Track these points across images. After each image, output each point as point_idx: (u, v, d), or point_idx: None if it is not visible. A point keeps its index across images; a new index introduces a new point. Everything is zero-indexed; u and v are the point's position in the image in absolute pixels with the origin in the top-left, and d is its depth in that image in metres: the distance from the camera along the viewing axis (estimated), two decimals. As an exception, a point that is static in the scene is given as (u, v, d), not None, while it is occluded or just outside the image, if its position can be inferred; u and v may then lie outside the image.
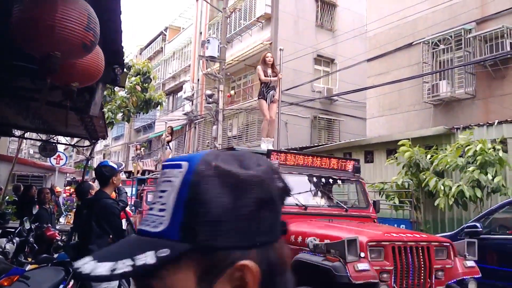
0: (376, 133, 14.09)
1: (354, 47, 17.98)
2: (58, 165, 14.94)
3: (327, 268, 4.06)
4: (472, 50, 11.56)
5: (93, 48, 2.97)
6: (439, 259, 4.46)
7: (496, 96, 11.06)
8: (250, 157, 0.71)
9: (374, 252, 4.19)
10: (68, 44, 2.69)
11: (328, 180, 6.17)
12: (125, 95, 13.20)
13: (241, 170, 0.66)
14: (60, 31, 2.62)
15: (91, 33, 2.80)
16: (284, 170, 5.67)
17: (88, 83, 3.43)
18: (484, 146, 8.16)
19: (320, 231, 4.75)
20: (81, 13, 2.72)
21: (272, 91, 8.56)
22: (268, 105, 8.49)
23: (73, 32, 2.66)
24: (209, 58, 17.97)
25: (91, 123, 7.25)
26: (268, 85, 8.53)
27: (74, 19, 2.65)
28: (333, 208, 6.01)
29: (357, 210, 6.20)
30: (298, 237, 4.79)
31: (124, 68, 4.94)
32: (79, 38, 2.72)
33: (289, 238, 4.80)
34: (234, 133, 21.19)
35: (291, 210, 5.45)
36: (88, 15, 2.78)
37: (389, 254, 4.21)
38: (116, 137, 38.89)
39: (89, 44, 2.83)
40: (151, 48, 35.33)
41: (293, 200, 5.58)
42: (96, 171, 4.39)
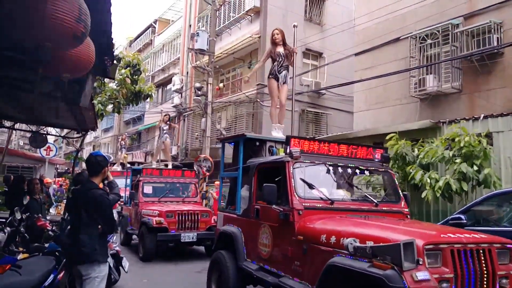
0: (363, 126, 14.23)
1: (342, 41, 18.10)
2: (48, 156, 14.94)
3: (377, 277, 3.38)
4: (459, 45, 11.70)
5: (83, 39, 3.01)
6: (502, 263, 3.82)
7: (482, 90, 11.23)
8: None
9: (431, 257, 3.54)
10: (59, 35, 2.73)
11: (354, 171, 5.60)
12: (115, 87, 13.14)
13: None
14: (51, 22, 2.66)
15: (82, 24, 2.84)
16: (306, 159, 5.24)
17: (79, 74, 3.47)
18: (470, 139, 8.30)
19: (360, 231, 4.08)
20: (72, 4, 2.75)
21: (284, 71, 7.50)
22: (279, 87, 7.50)
23: (64, 23, 2.70)
24: (198, 51, 17.93)
25: (81, 115, 7.27)
26: (281, 63, 7.44)
27: (65, 11, 2.69)
28: (361, 202, 5.39)
29: (387, 204, 5.53)
30: (331, 237, 4.19)
31: (114, 60, 4.97)
32: (70, 29, 2.76)
33: (319, 237, 4.31)
34: (223, 126, 21.20)
35: (316, 205, 4.96)
36: (79, 6, 2.82)
37: (448, 259, 3.56)
38: (105, 129, 38.75)
39: (80, 35, 2.87)
40: (141, 41, 35.15)
41: (318, 194, 5.08)
42: (90, 161, 4.33)
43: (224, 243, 6.34)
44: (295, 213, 4.74)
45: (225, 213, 6.73)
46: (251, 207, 5.78)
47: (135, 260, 9.95)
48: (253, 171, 5.91)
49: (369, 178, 8.39)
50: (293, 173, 5.01)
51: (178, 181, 12.24)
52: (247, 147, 6.41)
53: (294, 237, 4.69)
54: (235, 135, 9.61)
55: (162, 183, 11.98)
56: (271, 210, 5.03)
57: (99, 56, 4.40)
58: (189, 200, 11.90)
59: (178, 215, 10.05)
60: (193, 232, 10.06)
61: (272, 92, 7.56)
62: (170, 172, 12.47)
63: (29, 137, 11.11)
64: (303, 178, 5.04)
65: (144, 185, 11.50)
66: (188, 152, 23.91)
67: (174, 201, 11.62)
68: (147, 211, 10.47)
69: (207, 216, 10.44)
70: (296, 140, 5.39)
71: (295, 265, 4.67)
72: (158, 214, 10.04)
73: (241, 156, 6.26)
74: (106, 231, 4.20)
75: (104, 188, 4.50)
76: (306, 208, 4.80)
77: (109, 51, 4.46)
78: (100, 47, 4.31)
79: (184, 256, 11.06)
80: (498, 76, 10.89)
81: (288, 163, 5.07)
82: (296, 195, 4.87)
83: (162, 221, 9.81)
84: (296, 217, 4.72)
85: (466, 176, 8.11)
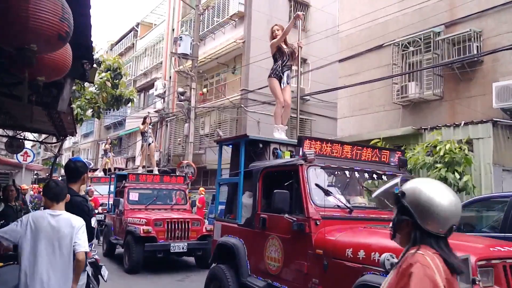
0: (347, 132, 14.28)
1: (326, 48, 18.18)
2: (25, 162, 14.49)
3: None
4: (441, 52, 11.84)
5: (68, 39, 2.87)
6: None
7: (463, 98, 11.37)
8: None
9: (483, 274, 3.11)
10: (44, 36, 2.58)
11: (372, 175, 5.09)
12: (95, 91, 12.91)
13: None
14: (34, 22, 2.51)
15: (66, 23, 2.71)
16: (321, 162, 4.72)
17: (55, 77, 3.33)
18: (451, 146, 8.39)
19: (394, 244, 3.84)
20: (55, 3, 2.62)
21: (288, 71, 7.00)
22: (283, 86, 6.95)
23: (48, 23, 2.56)
24: (181, 56, 17.84)
25: (59, 119, 7.07)
26: (285, 62, 6.93)
27: (48, 10, 2.55)
28: (381, 210, 4.84)
29: None
30: (359, 251, 3.69)
31: (94, 64, 4.83)
32: (54, 29, 2.62)
33: (343, 252, 3.84)
34: (206, 131, 21.09)
35: (334, 214, 4.43)
36: (62, 5, 2.68)
37: (501, 276, 3.15)
38: (85, 134, 38.15)
39: (65, 35, 2.74)
40: (122, 44, 34.76)
41: (335, 201, 4.58)
42: (69, 166, 4.13)
43: (222, 256, 5.78)
44: (312, 223, 4.24)
45: (223, 222, 6.14)
46: (255, 216, 5.22)
47: (119, 272, 9.43)
48: (257, 176, 5.33)
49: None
50: (307, 178, 4.50)
51: (167, 188, 11.58)
52: (248, 149, 5.88)
53: (311, 250, 4.21)
54: (236, 136, 9.01)
55: (149, 189, 11.31)
56: (282, 220, 4.50)
57: (78, 60, 4.28)
58: (178, 207, 11.27)
59: (168, 224, 9.47)
60: (184, 241, 9.50)
61: (277, 92, 6.91)
62: (158, 178, 11.79)
63: (5, 142, 10.79)
64: (319, 184, 4.53)
65: (130, 192, 10.80)
66: (170, 158, 23.67)
67: (162, 208, 10.98)
68: (134, 219, 9.88)
69: (198, 225, 9.88)
70: (310, 141, 4.90)
71: (313, 283, 4.17)
72: (146, 222, 9.45)
73: (243, 160, 5.73)
74: None
75: (83, 195, 4.36)
76: (323, 217, 4.30)
77: (88, 55, 4.32)
78: (79, 51, 4.18)
79: (172, 267, 10.47)
80: (478, 83, 11.06)
81: (301, 167, 4.55)
82: (312, 202, 4.37)
83: (150, 230, 9.21)
84: (313, 227, 4.23)
85: (447, 182, 8.18)
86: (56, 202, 3.57)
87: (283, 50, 6.91)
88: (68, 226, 3.48)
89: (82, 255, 3.50)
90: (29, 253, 3.46)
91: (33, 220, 3.51)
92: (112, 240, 11.12)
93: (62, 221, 3.49)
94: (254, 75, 18.17)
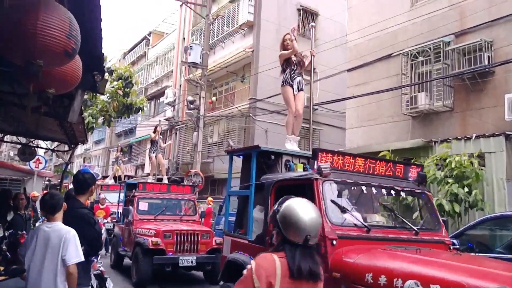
0: (355, 143, 14.21)
1: (334, 57, 18.19)
2: (37, 168, 14.67)
3: None
4: (451, 62, 11.73)
5: (74, 55, 2.94)
6: None
7: (474, 109, 11.22)
8: None
9: None
10: (50, 52, 2.66)
11: (389, 192, 4.74)
12: (106, 100, 13.03)
13: None
14: (42, 38, 2.59)
15: (73, 40, 2.78)
16: (336, 177, 4.45)
17: (65, 90, 3.39)
18: (461, 160, 8.26)
19: (419, 270, 3.27)
20: (62, 20, 2.69)
21: (299, 78, 6.84)
22: (295, 93, 6.79)
23: (55, 39, 2.63)
24: (191, 64, 17.95)
25: (71, 128, 7.15)
26: (294, 70, 6.81)
27: (56, 27, 2.63)
28: (400, 230, 4.57)
29: (428, 233, 4.70)
30: (380, 276, 3.42)
31: (105, 75, 4.89)
32: (61, 45, 2.69)
33: (362, 276, 3.56)
34: (214, 140, 21.14)
35: (351, 234, 4.14)
36: (70, 22, 2.75)
37: None
38: (97, 141, 38.50)
39: (71, 51, 2.81)
40: (135, 53, 35.16)
41: (352, 219, 4.30)
42: (77, 178, 4.16)
43: (231, 274, 5.39)
44: (328, 243, 3.96)
45: (232, 237, 5.87)
46: (267, 232, 4.84)
47: (126, 284, 9.26)
48: (269, 189, 5.08)
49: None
50: (322, 194, 4.24)
51: (176, 197, 11.30)
52: (259, 161, 5.63)
53: (327, 273, 3.83)
54: (247, 147, 8.61)
55: (159, 199, 11.03)
56: None
57: (89, 71, 4.33)
58: (187, 218, 10.97)
59: (177, 236, 9.14)
60: (193, 255, 9.12)
61: (289, 100, 6.76)
62: (168, 187, 11.52)
63: (18, 149, 10.92)
64: (334, 200, 4.30)
65: (140, 201, 10.50)
66: (179, 166, 23.74)
67: (171, 219, 10.66)
68: (142, 230, 9.62)
69: (208, 237, 9.52)
70: (325, 154, 4.62)
71: None
72: (155, 234, 9.16)
73: (254, 172, 5.51)
74: (89, 253, 4.05)
75: (89, 208, 4.38)
76: (340, 237, 4.04)
77: (99, 66, 4.38)
78: (90, 62, 4.24)
79: (180, 282, 10.20)
80: (489, 94, 10.92)
81: (316, 182, 4.30)
82: (328, 220, 4.09)
83: (159, 242, 8.88)
84: (329, 248, 3.95)
85: (458, 198, 8.04)
86: (51, 214, 3.67)
87: (290, 61, 6.87)
88: (56, 237, 3.55)
89: (73, 268, 3.52)
90: (29, 265, 3.62)
91: (36, 232, 3.68)
92: (120, 251, 10.87)
93: (53, 232, 3.58)
94: (262, 84, 18.22)
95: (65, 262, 3.50)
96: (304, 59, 7.05)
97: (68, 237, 3.54)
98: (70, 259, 3.50)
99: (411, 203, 7.41)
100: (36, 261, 3.56)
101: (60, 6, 2.70)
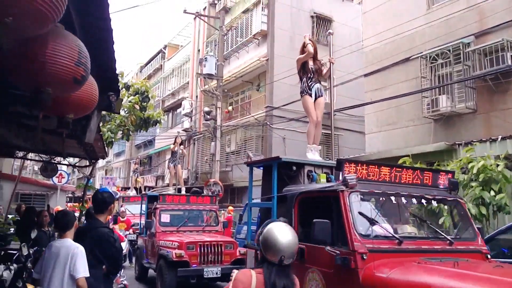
0: (376, 148, 13.99)
1: (350, 62, 18.01)
2: (60, 183, 14.92)
3: None
4: (472, 63, 11.49)
5: (84, 82, 2.93)
6: None
7: (498, 110, 10.92)
8: None
9: None
10: (59, 80, 2.66)
11: (420, 200, 4.58)
12: (124, 114, 13.15)
13: None
14: (51, 67, 2.59)
15: (82, 67, 2.77)
16: (364, 188, 4.30)
17: (83, 113, 3.40)
18: (486, 163, 8.02)
19: (458, 285, 3.11)
20: (71, 48, 2.69)
21: (317, 85, 6.66)
22: (314, 101, 6.62)
23: (64, 67, 2.64)
24: (206, 76, 18.02)
25: (90, 145, 7.18)
26: (311, 77, 6.64)
27: (64, 55, 2.63)
28: (433, 240, 4.36)
29: (462, 242, 4.48)
30: None
31: (120, 94, 4.88)
32: (70, 73, 2.70)
33: None
34: (232, 149, 21.13)
35: (381, 246, 3.95)
36: (79, 50, 2.75)
37: None
38: (117, 153, 39.14)
39: (80, 79, 2.80)
40: (151, 66, 35.62)
41: (382, 231, 4.14)
42: (96, 198, 4.21)
43: None
44: (358, 257, 3.76)
45: (256, 250, 5.73)
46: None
47: None
48: (292, 201, 4.95)
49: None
50: (350, 206, 4.10)
51: (198, 208, 11.10)
52: (280, 172, 5.49)
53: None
54: (267, 158, 8.43)
55: (181, 210, 10.90)
56: (323, 252, 4.05)
57: (104, 91, 4.34)
58: (210, 229, 10.79)
59: (200, 247, 9.03)
60: (217, 266, 8.99)
61: (309, 109, 6.58)
62: (189, 198, 11.32)
63: (40, 166, 11.06)
64: (362, 212, 4.15)
65: (162, 213, 10.43)
66: (198, 176, 23.81)
67: (194, 230, 10.50)
68: (166, 243, 9.53)
69: (231, 248, 9.40)
70: (350, 165, 4.44)
71: None
72: (178, 246, 9.03)
73: (275, 184, 5.37)
74: (110, 272, 4.07)
75: (110, 226, 4.38)
76: (370, 250, 3.84)
77: (113, 86, 4.38)
78: (104, 83, 4.25)
79: None
80: (513, 94, 10.63)
81: (343, 193, 4.15)
82: (356, 234, 3.93)
83: (183, 254, 8.75)
84: (360, 262, 3.75)
85: (484, 202, 7.80)
86: (62, 232, 3.88)
87: (307, 68, 6.68)
88: (65, 253, 3.73)
89: (82, 281, 3.67)
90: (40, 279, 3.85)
91: (48, 248, 3.90)
92: (144, 263, 10.86)
93: (62, 248, 3.77)
94: (278, 92, 18.15)
95: (74, 276, 3.66)
96: (322, 67, 6.88)
97: (76, 252, 3.70)
98: (79, 273, 3.66)
99: (437, 209, 7.18)
100: (46, 275, 3.75)
101: (69, 34, 2.70)
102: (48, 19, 2.25)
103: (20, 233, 7.83)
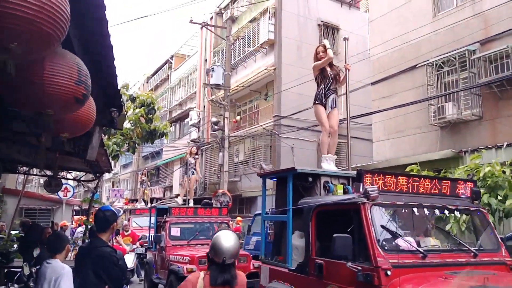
0: (383, 156, 13.92)
1: (357, 70, 17.94)
2: (65, 197, 14.79)
3: None
4: (477, 71, 11.45)
5: (86, 100, 2.91)
6: None
7: (504, 117, 10.87)
8: None
9: None
10: (60, 100, 2.62)
11: (443, 211, 4.44)
12: (129, 127, 13.20)
13: None
14: (50, 88, 2.55)
15: (83, 86, 2.74)
16: (385, 199, 4.14)
17: (79, 133, 3.39)
18: (493, 169, 7.95)
19: None
20: (70, 67, 2.65)
21: (333, 95, 6.55)
22: (328, 112, 6.53)
23: (63, 87, 2.60)
24: (213, 86, 18.08)
25: (95, 160, 7.23)
26: (329, 85, 6.52)
27: (63, 75, 2.59)
28: (457, 253, 4.21)
29: (486, 254, 4.33)
30: None
31: (123, 109, 4.91)
32: (70, 92, 2.65)
33: None
34: (240, 159, 21.12)
35: (405, 261, 3.77)
36: (78, 68, 2.71)
37: None
38: (124, 165, 39.05)
39: (82, 98, 2.77)
40: (158, 76, 35.70)
41: (405, 245, 3.96)
42: (98, 216, 4.14)
43: None
44: (382, 274, 3.59)
45: (270, 266, 5.51)
46: (309, 261, 4.57)
47: None
48: (309, 214, 4.77)
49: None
50: (372, 219, 3.92)
51: (209, 220, 10.72)
52: (295, 183, 5.33)
53: None
54: (282, 169, 8.23)
55: (191, 223, 10.53)
56: (343, 268, 3.88)
57: (106, 108, 4.37)
58: None
59: None
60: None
61: (322, 119, 6.48)
62: (200, 210, 10.96)
63: (44, 181, 11.08)
64: (385, 225, 3.98)
65: (172, 227, 10.07)
66: (206, 187, 23.79)
67: (205, 243, 9.94)
68: (176, 257, 9.25)
69: (245, 261, 9.05)
70: (370, 176, 4.26)
71: None
72: (189, 260, 8.77)
73: (291, 196, 5.17)
74: None
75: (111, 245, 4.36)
76: (394, 266, 3.67)
77: (115, 103, 4.40)
78: (106, 99, 4.28)
79: None
80: (520, 101, 10.56)
81: (364, 206, 3.97)
82: (379, 248, 3.75)
83: (195, 269, 8.36)
84: (383, 279, 3.57)
85: (491, 208, 7.73)
86: (53, 253, 3.99)
87: (325, 74, 6.55)
88: (52, 273, 3.82)
89: None
90: None
91: (40, 267, 4.03)
92: (154, 279, 10.48)
93: (49, 268, 3.86)
94: (286, 101, 18.14)
95: None
96: (340, 73, 6.81)
97: (62, 273, 3.79)
98: None
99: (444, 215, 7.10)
100: None
101: (67, 52, 2.67)
102: (54, 39, 2.23)
103: (23, 250, 7.78)
